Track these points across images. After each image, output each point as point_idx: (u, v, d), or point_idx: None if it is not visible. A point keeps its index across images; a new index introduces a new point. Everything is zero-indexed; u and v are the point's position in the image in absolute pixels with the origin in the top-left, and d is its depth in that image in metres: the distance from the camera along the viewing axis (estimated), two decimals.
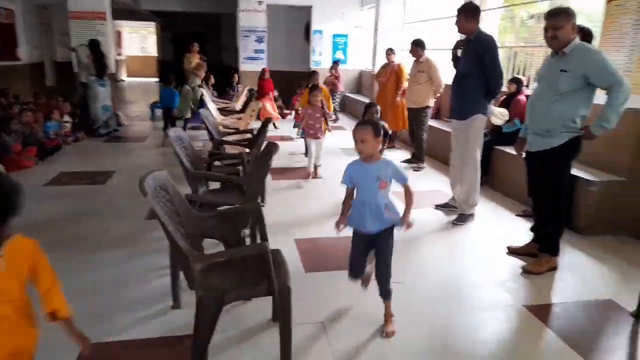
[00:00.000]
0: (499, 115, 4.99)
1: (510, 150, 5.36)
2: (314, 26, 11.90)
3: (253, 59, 11.67)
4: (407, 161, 6.66)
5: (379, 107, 4.93)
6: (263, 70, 9.64)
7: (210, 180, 3.40)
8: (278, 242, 3.39)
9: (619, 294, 3.13)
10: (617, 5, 4.22)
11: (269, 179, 5.10)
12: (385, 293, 2.59)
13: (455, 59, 4.39)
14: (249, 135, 5.22)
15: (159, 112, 10.23)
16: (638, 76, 4.01)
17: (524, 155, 3.59)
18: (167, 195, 2.36)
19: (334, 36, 12.03)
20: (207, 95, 7.71)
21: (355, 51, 12.19)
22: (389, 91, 7.47)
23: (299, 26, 13.50)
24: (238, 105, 8.13)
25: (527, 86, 5.92)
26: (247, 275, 2.19)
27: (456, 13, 4.12)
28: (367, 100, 10.72)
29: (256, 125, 5.94)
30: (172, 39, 18.87)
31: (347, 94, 11.74)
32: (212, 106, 6.59)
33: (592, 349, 2.58)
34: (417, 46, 6.30)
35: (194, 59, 9.91)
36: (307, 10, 12.41)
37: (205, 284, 2.12)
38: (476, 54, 4.06)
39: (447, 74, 6.95)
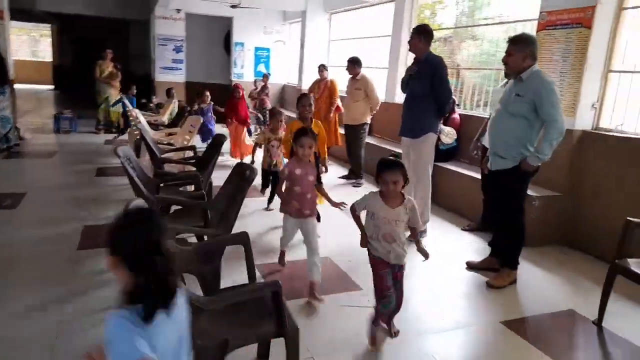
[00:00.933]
0: (448, 134, 5.17)
1: (448, 166, 5.61)
2: (235, 38, 11.62)
3: (170, 69, 11.06)
4: (345, 177, 6.67)
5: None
6: (236, 87, 7.65)
7: (176, 205, 3.05)
8: (237, 269, 3.16)
9: (577, 303, 3.33)
10: (547, 34, 4.58)
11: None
12: None
13: (405, 82, 4.46)
14: (190, 153, 4.84)
15: (65, 124, 9.30)
16: (569, 99, 4.37)
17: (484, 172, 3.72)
18: None
19: (256, 49, 11.83)
20: (130, 106, 7.09)
21: (277, 65, 12.09)
22: (322, 107, 7.44)
23: (217, 37, 13.11)
24: (165, 118, 7.59)
25: (458, 105, 6.23)
26: (252, 317, 1.95)
27: (412, 33, 4.20)
28: (293, 115, 10.63)
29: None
30: (73, 44, 17.31)
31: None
32: (142, 119, 6.05)
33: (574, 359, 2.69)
34: (354, 64, 6.37)
35: (107, 67, 9.14)
36: (227, 21, 12.10)
37: (207, 332, 1.84)
38: (427, 75, 4.16)
39: (381, 91, 7.15)
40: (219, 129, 7.53)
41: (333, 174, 6.66)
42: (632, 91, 4.19)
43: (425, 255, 2.63)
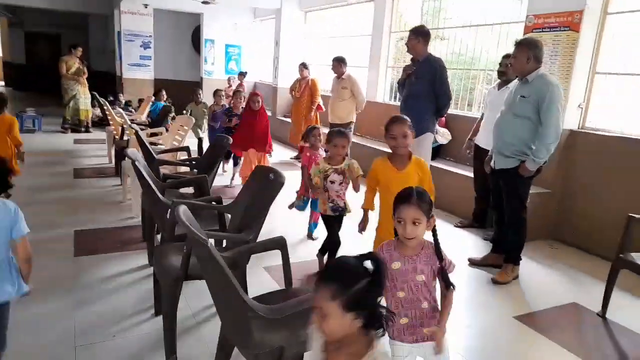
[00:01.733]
0: (443, 134, 5.27)
1: (435, 164, 5.72)
2: (206, 35, 11.35)
3: (138, 66, 10.67)
4: None
5: None
6: (254, 95, 5.51)
7: (197, 209, 2.94)
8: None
9: (577, 296, 3.48)
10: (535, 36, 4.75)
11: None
12: None
13: (401, 84, 4.51)
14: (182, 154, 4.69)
15: (28, 123, 8.82)
16: None
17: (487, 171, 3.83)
18: None
19: (227, 46, 11.61)
20: (107, 105, 6.80)
21: (249, 62, 11.89)
22: (303, 106, 7.44)
23: (185, 33, 12.79)
24: (144, 117, 7.32)
25: None
26: (306, 323, 1.91)
27: (410, 35, 4.24)
28: (268, 114, 10.50)
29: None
30: (26, 39, 16.36)
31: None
32: (127, 120, 5.80)
33: (589, 351, 2.80)
34: (340, 62, 6.38)
35: (74, 64, 8.72)
36: (194, 17, 11.83)
37: (265, 341, 1.80)
38: (428, 75, 4.22)
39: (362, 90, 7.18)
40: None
41: None
42: (616, 92, 4.41)
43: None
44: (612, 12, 4.34)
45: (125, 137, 5.65)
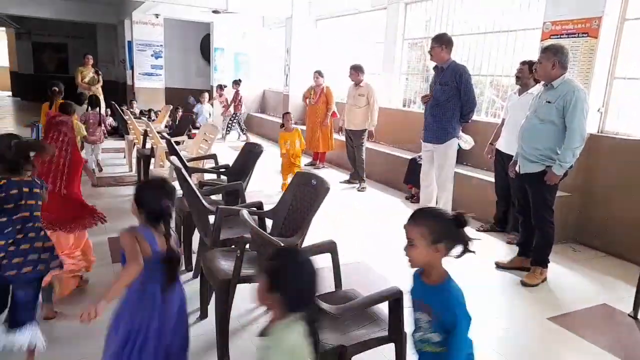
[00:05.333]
0: (466, 140, 5.35)
1: (455, 169, 5.79)
2: (216, 43, 11.47)
3: (150, 75, 10.79)
4: (347, 182, 6.76)
5: None
6: None
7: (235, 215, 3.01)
8: None
9: (607, 297, 3.55)
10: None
11: None
12: None
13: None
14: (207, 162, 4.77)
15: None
16: None
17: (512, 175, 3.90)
18: None
19: (236, 54, 11.72)
20: (130, 115, 6.89)
21: (258, 70, 12.00)
22: (319, 113, 7.51)
23: (194, 42, 12.92)
24: (162, 126, 7.42)
25: None
26: (367, 323, 1.99)
27: (433, 42, 4.34)
28: (278, 120, 10.61)
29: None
30: (34, 49, 16.50)
31: (252, 114, 11.50)
32: (153, 128, 5.86)
33: (628, 352, 2.87)
34: (357, 70, 6.46)
35: (88, 73, 8.83)
36: (204, 25, 11.96)
37: (328, 340, 1.87)
38: (452, 82, 4.32)
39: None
40: None
41: (334, 179, 6.74)
42: (635, 97, 4.50)
43: None
44: (630, 18, 4.44)
45: (147, 146, 5.72)
